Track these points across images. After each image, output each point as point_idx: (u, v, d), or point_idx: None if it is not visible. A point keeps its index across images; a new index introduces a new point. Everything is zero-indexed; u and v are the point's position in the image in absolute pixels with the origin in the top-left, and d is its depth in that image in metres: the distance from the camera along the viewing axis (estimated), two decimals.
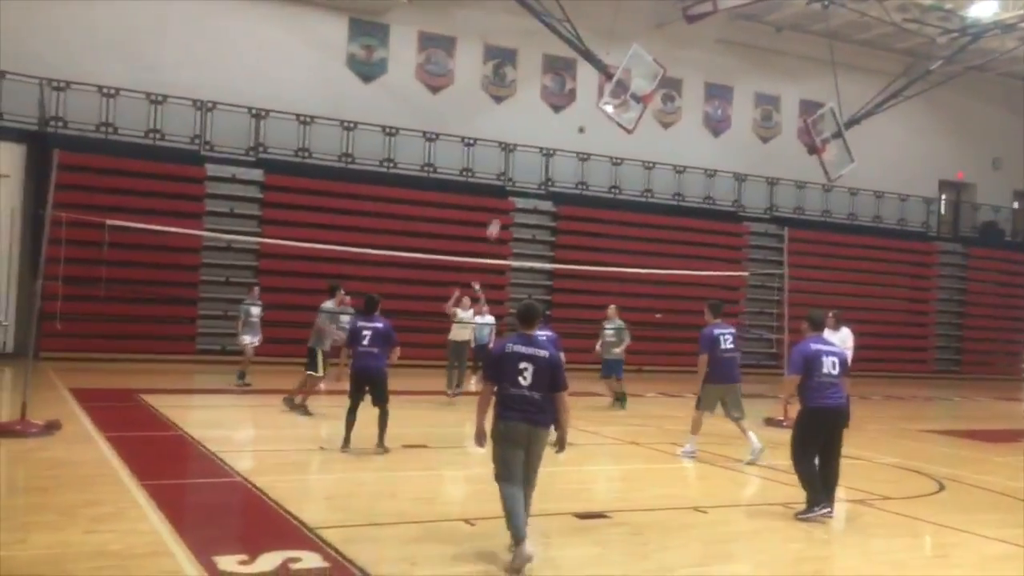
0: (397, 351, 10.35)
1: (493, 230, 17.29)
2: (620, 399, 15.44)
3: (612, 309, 15.79)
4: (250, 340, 16.35)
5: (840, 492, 9.37)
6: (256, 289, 17.12)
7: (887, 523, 7.83)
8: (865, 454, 11.72)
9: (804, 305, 21.54)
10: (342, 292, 13.84)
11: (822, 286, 25.62)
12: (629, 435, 12.48)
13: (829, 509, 7.71)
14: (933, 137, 31.93)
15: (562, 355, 7.22)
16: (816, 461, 7.89)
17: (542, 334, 7.32)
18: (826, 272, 27.02)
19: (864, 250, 28.95)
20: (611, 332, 15.35)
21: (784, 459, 9.86)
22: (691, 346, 12.52)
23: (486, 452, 6.36)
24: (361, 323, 10.33)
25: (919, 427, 15.88)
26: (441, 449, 10.76)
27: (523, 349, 6.21)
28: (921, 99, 27.73)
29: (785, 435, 13.00)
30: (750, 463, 10.26)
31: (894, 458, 11.46)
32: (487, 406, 6.32)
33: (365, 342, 10.15)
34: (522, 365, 6.15)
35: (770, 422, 14.05)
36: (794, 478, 9.65)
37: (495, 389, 6.23)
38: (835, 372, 7.90)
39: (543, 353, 6.22)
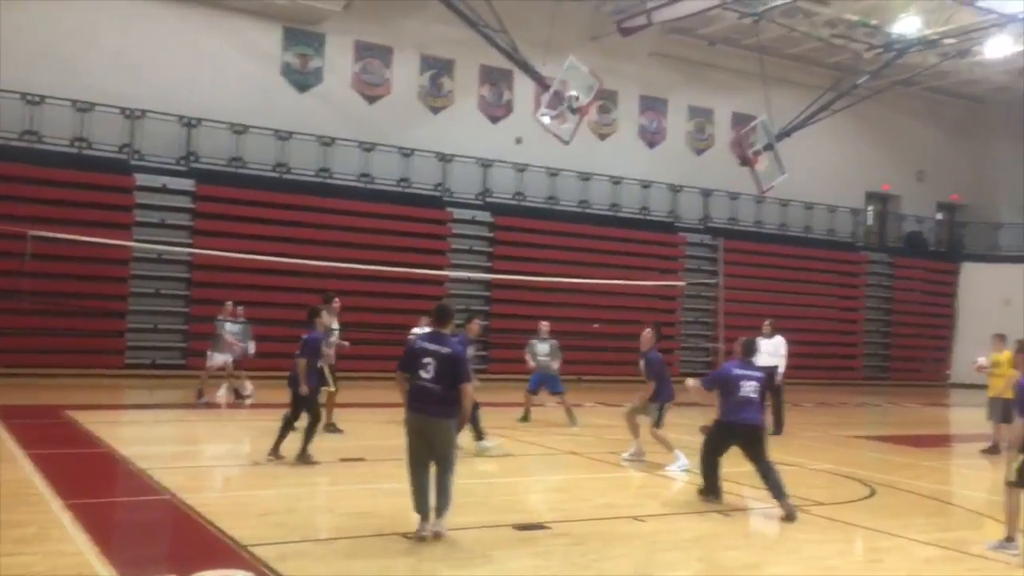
0: (300, 363, 10.14)
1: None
2: (569, 414, 15.29)
3: (545, 325, 15.47)
4: (223, 359, 15.90)
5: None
6: (229, 305, 16.44)
7: (821, 528, 7.95)
8: (798, 460, 11.91)
9: (738, 314, 22.06)
10: (337, 301, 13.45)
11: (755, 295, 26.11)
12: (568, 445, 12.49)
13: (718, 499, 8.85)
14: (860, 150, 32.79)
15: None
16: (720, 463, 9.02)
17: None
18: (759, 281, 27.51)
19: (795, 260, 29.55)
20: (545, 349, 15.24)
21: (727, 467, 9.96)
22: (629, 355, 12.61)
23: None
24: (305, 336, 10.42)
25: (850, 433, 16.21)
26: (379, 462, 10.60)
27: (429, 345, 6.91)
28: (849, 113, 28.48)
29: None
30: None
31: (827, 464, 11.66)
32: (403, 392, 7.03)
33: (297, 353, 10.25)
34: (425, 360, 6.83)
35: (706, 430, 14.15)
36: (730, 485, 9.77)
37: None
38: (753, 395, 8.87)
39: (446, 350, 6.86)
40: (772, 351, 14.79)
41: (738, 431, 8.78)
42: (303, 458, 9.88)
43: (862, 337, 31.63)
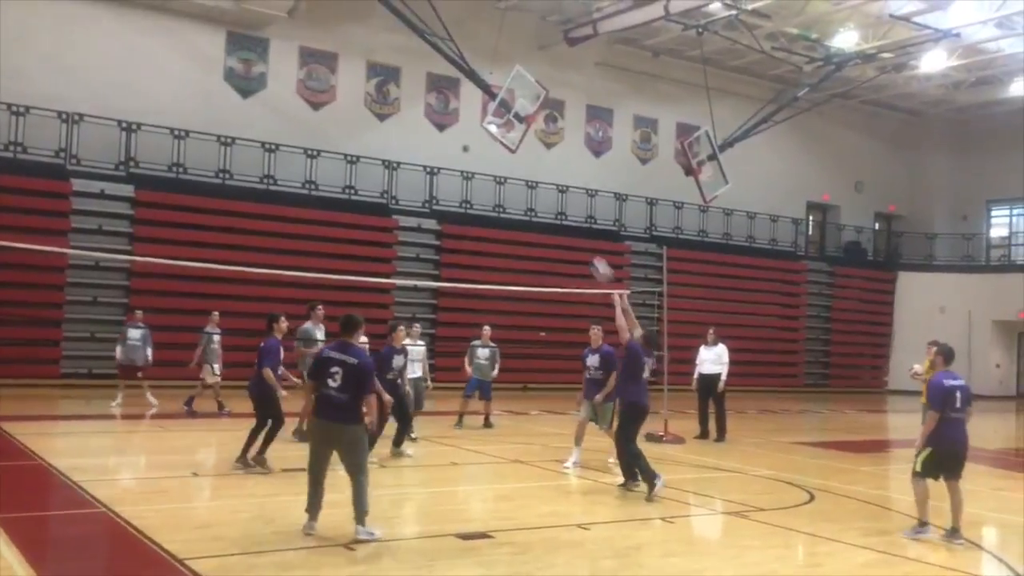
0: (266, 371, 10.17)
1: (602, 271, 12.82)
2: (487, 420, 15.38)
3: (487, 331, 15.62)
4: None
5: (718, 504, 9.65)
6: (216, 315, 16.08)
7: (762, 534, 8.04)
8: (740, 467, 12.06)
9: (683, 322, 22.23)
10: (320, 309, 13.45)
11: (699, 303, 26.40)
12: (512, 453, 12.47)
13: (664, 479, 9.51)
14: (801, 161, 33.43)
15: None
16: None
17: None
18: (703, 290, 27.84)
19: (738, 268, 29.98)
20: (486, 354, 15.28)
21: (664, 474, 10.04)
22: (575, 364, 12.64)
23: (376, 478, 6.48)
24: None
25: (790, 439, 16.46)
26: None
27: (336, 355, 7.15)
28: (790, 124, 29.03)
29: (665, 450, 13.31)
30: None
31: (767, 470, 11.82)
32: (309, 401, 7.32)
33: (258, 363, 10.29)
34: (333, 369, 7.06)
35: (650, 437, 14.28)
36: (674, 492, 9.85)
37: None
38: (648, 378, 10.05)
39: (352, 360, 7.10)
40: (715, 359, 15.00)
41: (646, 410, 9.89)
42: (259, 460, 9.88)
43: (803, 345, 32.18)
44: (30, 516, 7.88)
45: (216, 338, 15.69)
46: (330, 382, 7.08)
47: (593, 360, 11.29)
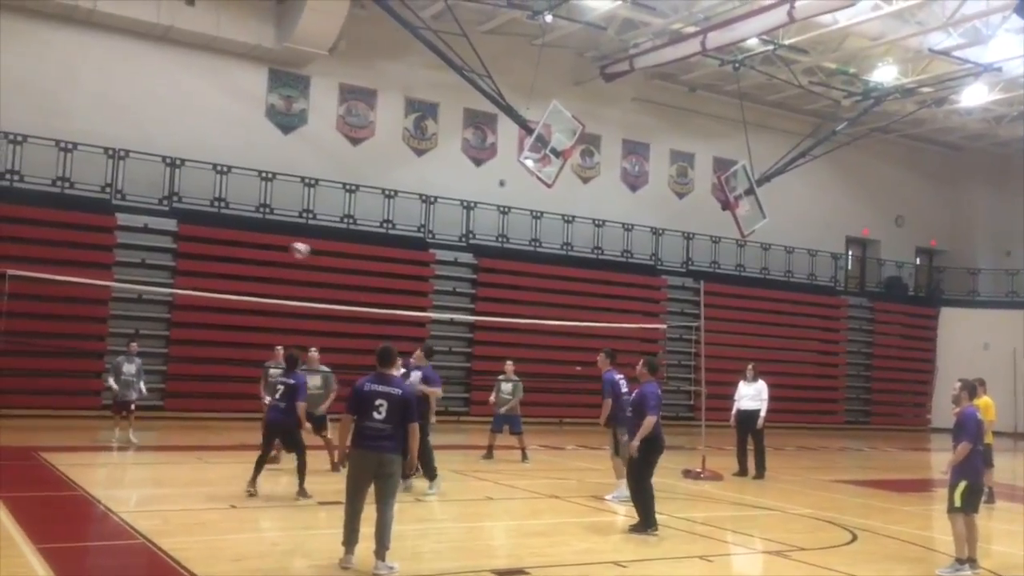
0: (301, 406, 10.64)
1: (300, 250, 15.46)
2: (524, 455, 15.32)
3: (509, 365, 15.87)
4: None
5: (757, 543, 9.50)
6: (279, 349, 15.41)
7: (803, 574, 7.89)
8: (779, 505, 11.88)
9: (720, 357, 22.06)
10: (314, 351, 13.98)
11: (737, 338, 26.18)
12: (548, 489, 12.38)
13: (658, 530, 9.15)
14: (840, 195, 33.17)
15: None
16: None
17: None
18: (740, 325, 27.60)
19: (776, 303, 29.70)
20: (508, 388, 15.40)
21: (702, 511, 9.92)
22: None
23: (404, 510, 6.40)
24: (280, 378, 10.86)
25: (831, 478, 16.18)
26: None
27: (379, 387, 7.22)
28: (828, 159, 28.87)
29: (702, 487, 13.16)
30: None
31: (807, 509, 11.62)
32: (348, 434, 7.31)
33: (277, 396, 10.67)
34: (378, 402, 7.15)
35: (688, 474, 14.14)
36: (712, 530, 9.73)
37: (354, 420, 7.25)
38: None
39: (397, 391, 7.25)
40: (754, 395, 14.83)
41: (662, 445, 9.51)
42: (303, 492, 10.30)
43: (843, 381, 31.70)
44: (72, 547, 7.96)
45: (273, 372, 15.70)
46: (375, 415, 7.16)
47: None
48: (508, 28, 25.13)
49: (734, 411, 15.04)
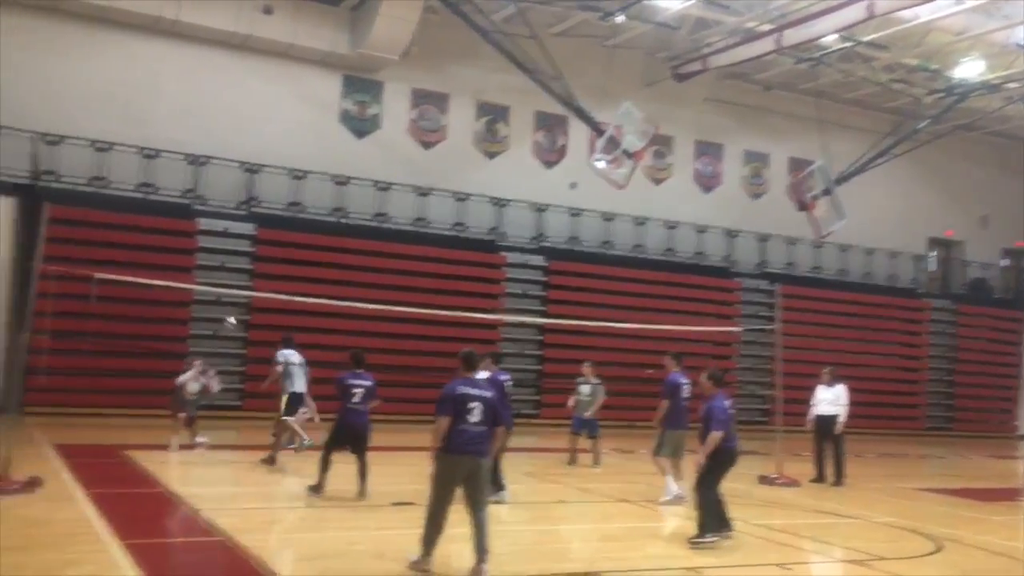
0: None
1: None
2: (596, 459, 15.08)
3: (587, 367, 15.36)
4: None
5: (837, 552, 9.28)
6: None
7: None
8: (860, 513, 11.57)
9: (796, 361, 21.66)
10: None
11: (814, 342, 25.61)
12: (619, 493, 12.28)
13: (715, 541, 8.57)
14: (922, 195, 32.24)
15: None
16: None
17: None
18: (817, 328, 27.01)
19: (855, 306, 28.98)
20: (587, 391, 15.06)
21: (779, 518, 9.74)
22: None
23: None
24: (351, 381, 10.64)
25: (913, 485, 15.73)
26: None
27: (471, 391, 7.24)
28: (909, 157, 28.09)
29: (779, 494, 12.90)
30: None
31: (889, 517, 11.30)
32: (443, 438, 7.18)
33: (355, 399, 10.57)
34: (472, 404, 7.15)
35: (764, 480, 13.88)
36: (790, 537, 9.54)
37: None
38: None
39: (489, 394, 7.29)
40: (832, 399, 14.49)
41: (735, 455, 8.94)
42: (364, 493, 10.37)
43: (925, 387, 30.77)
44: (155, 543, 8.19)
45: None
46: (469, 417, 7.13)
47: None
48: (579, 30, 25.06)
49: (811, 416, 14.71)
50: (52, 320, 13.16)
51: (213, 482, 12.08)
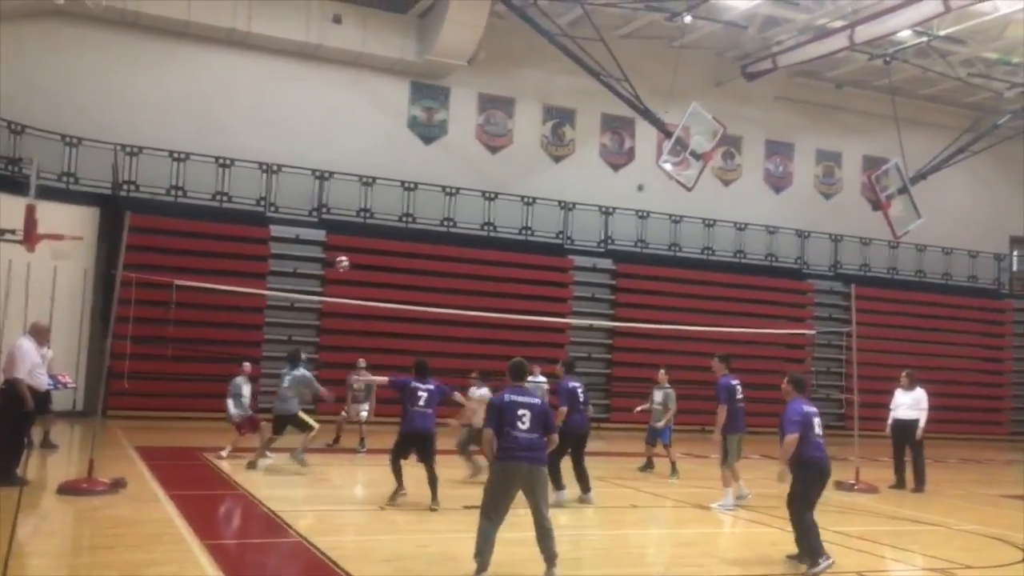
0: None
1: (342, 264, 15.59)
2: (673, 468, 14.75)
3: (662, 373, 15.01)
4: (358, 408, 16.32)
5: (918, 560, 9.02)
6: (362, 362, 16.61)
7: None
8: (942, 520, 11.24)
9: (873, 364, 21.16)
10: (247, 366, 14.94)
11: (891, 344, 25.00)
12: (694, 498, 12.13)
13: (832, 560, 7.71)
14: (1002, 192, 31.22)
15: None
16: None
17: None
18: (894, 330, 26.36)
19: (933, 308, 28.21)
20: (660, 398, 14.70)
21: (857, 525, 9.50)
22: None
23: (555, 518, 6.40)
24: (416, 384, 10.59)
25: (998, 492, 15.20)
26: None
27: (520, 399, 7.25)
28: (989, 154, 27.23)
29: (857, 500, 12.60)
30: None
31: (973, 525, 10.95)
32: (494, 449, 7.21)
33: (421, 403, 10.46)
34: (521, 412, 7.17)
35: (841, 486, 13.57)
36: (869, 544, 9.31)
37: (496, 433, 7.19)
38: (821, 432, 8.23)
39: (537, 402, 7.32)
40: (912, 403, 14.13)
41: (825, 469, 8.13)
42: (436, 503, 10.23)
43: (1010, 390, 29.76)
44: (235, 543, 8.37)
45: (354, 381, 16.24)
46: (520, 425, 7.13)
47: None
48: (646, 31, 24.92)
49: (890, 420, 14.34)
50: (133, 326, 13.54)
51: (288, 485, 12.28)
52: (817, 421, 8.21)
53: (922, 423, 13.94)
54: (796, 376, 8.72)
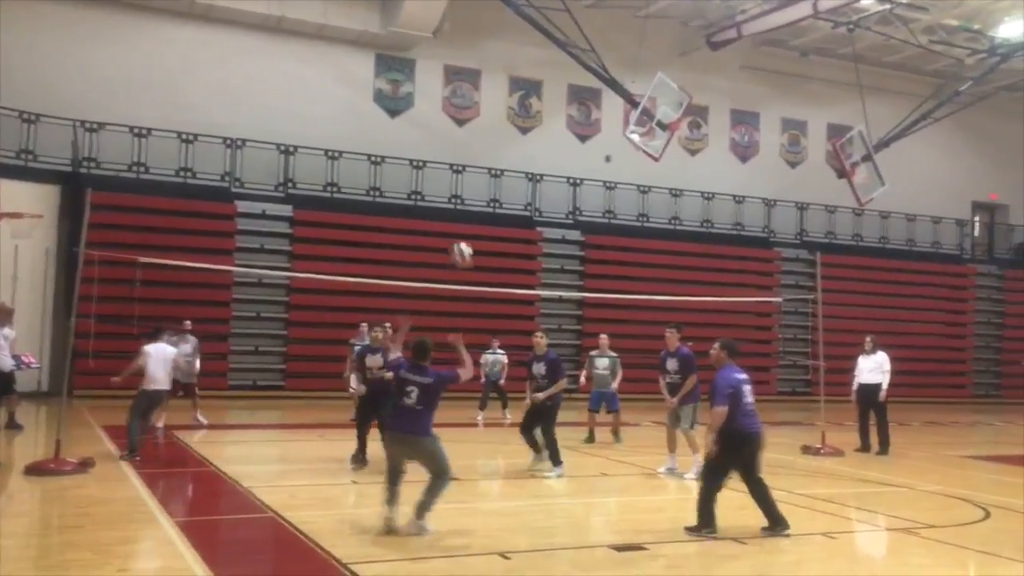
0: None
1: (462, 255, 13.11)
2: (616, 433, 14.62)
3: (604, 340, 14.97)
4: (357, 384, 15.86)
5: (883, 521, 9.20)
6: (363, 327, 15.75)
7: (933, 551, 7.61)
8: (906, 481, 11.47)
9: (838, 330, 21.44)
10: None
11: (856, 311, 25.34)
12: (662, 465, 12.25)
13: (715, 533, 7.78)
14: (965, 158, 31.61)
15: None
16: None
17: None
18: (859, 296, 26.73)
19: (898, 274, 28.60)
20: (605, 364, 14.67)
21: (823, 488, 9.67)
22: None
23: (521, 485, 6.41)
24: (406, 374, 10.37)
25: (961, 453, 15.53)
26: (472, 482, 10.66)
27: (412, 376, 7.79)
28: (951, 120, 27.53)
29: (823, 463, 12.82)
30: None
31: (937, 486, 11.18)
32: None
33: (409, 399, 10.31)
34: (409, 388, 7.73)
35: (807, 450, 13.80)
36: (835, 507, 9.48)
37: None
38: (751, 399, 8.08)
39: (428, 380, 7.76)
40: (874, 367, 14.33)
41: (753, 440, 8.00)
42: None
43: (971, 353, 30.33)
44: (206, 520, 8.35)
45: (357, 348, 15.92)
46: (406, 399, 7.73)
47: (672, 364, 11.57)
48: (611, 1, 24.84)
49: (855, 385, 14.57)
50: (97, 304, 13.37)
51: (259, 460, 12.27)
52: (748, 389, 8.06)
53: (885, 385, 14.15)
54: (728, 342, 8.44)
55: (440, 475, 7.69)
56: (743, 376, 8.14)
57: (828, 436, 14.02)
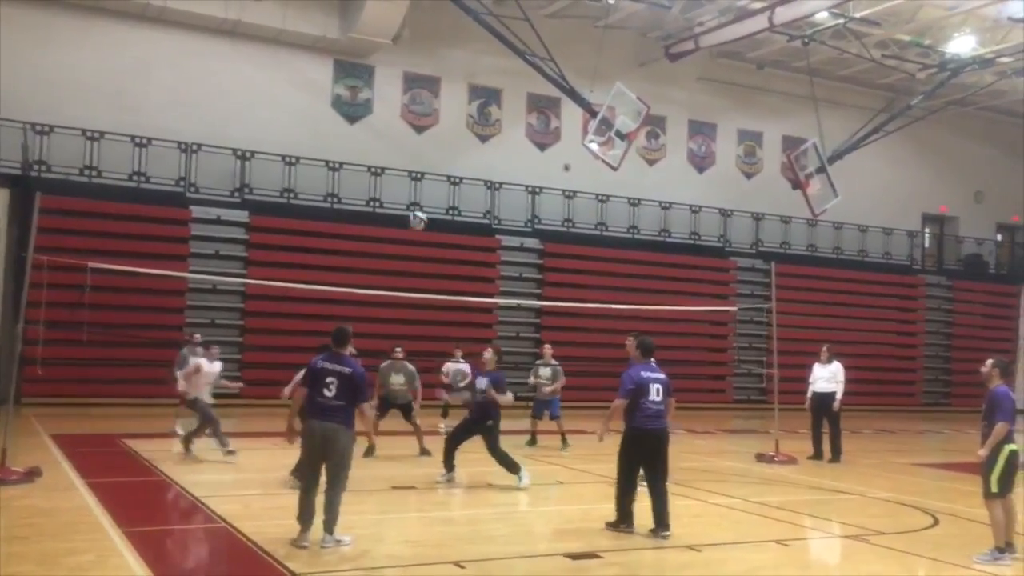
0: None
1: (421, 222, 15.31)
2: (563, 439, 14.82)
3: (548, 349, 15.50)
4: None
5: (835, 528, 9.32)
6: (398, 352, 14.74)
7: (882, 558, 7.72)
8: (858, 488, 11.63)
9: (792, 340, 21.72)
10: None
11: (810, 320, 25.68)
12: (613, 472, 12.28)
13: (632, 529, 8.14)
14: (916, 171, 32.25)
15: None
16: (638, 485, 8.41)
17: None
18: (813, 306, 27.09)
19: (850, 284, 29.06)
20: (547, 373, 14.95)
21: (777, 495, 9.76)
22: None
23: (477, 494, 6.39)
24: (323, 364, 10.31)
25: (910, 461, 15.81)
26: (429, 491, 10.60)
27: (330, 366, 7.50)
28: (903, 134, 28.06)
29: (777, 471, 12.96)
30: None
31: (887, 493, 11.36)
32: (299, 411, 7.73)
33: (328, 392, 10.23)
34: (328, 379, 7.42)
35: (761, 457, 13.95)
36: (788, 514, 9.58)
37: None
38: (659, 399, 8.26)
39: (347, 370, 7.48)
40: (829, 377, 14.55)
41: (651, 439, 8.32)
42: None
43: (921, 363, 30.90)
44: (156, 530, 8.20)
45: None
46: (326, 392, 7.41)
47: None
48: (570, 11, 24.98)
49: (809, 393, 14.76)
50: (46, 310, 13.06)
51: (212, 470, 12.08)
52: (656, 388, 8.27)
53: (839, 395, 14.38)
54: (643, 340, 8.64)
55: (336, 482, 7.44)
56: (654, 375, 8.32)
57: (782, 444, 14.18)
